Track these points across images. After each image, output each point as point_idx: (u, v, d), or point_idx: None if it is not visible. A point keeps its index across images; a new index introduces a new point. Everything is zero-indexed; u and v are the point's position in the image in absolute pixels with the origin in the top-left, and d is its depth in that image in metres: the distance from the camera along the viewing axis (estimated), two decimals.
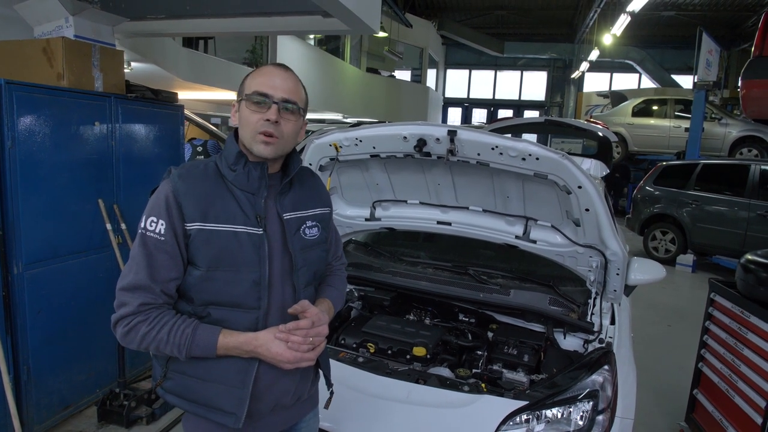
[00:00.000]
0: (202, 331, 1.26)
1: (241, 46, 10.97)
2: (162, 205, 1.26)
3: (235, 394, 1.30)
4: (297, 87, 1.36)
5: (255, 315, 1.31)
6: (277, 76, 1.32)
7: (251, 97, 1.30)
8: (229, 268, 1.28)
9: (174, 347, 1.24)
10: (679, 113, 11.54)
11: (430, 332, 2.39)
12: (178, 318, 1.27)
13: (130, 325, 1.24)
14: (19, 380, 2.76)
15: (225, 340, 1.26)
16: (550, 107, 22.42)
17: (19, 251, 2.71)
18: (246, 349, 1.27)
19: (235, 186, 1.33)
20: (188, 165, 1.35)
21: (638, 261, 2.70)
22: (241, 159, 1.33)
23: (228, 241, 1.28)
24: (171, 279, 1.27)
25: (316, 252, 1.46)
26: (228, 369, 1.30)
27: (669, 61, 19.62)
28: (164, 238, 1.25)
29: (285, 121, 1.31)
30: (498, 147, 2.02)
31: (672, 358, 4.47)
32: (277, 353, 1.26)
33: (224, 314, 1.30)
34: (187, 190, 1.27)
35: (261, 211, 1.33)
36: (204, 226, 1.26)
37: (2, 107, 2.57)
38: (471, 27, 20.66)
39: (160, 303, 1.27)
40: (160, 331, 1.24)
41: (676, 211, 8.10)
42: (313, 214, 1.47)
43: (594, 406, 1.81)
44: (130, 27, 3.73)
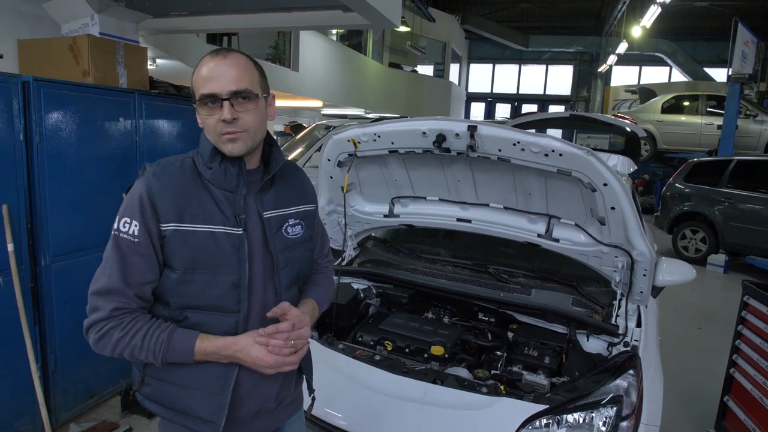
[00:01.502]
0: (179, 337, 1.20)
1: (263, 42, 11.04)
2: (136, 206, 1.20)
3: (214, 401, 1.25)
4: (244, 71, 1.23)
5: (235, 318, 1.25)
6: (217, 69, 1.20)
7: (201, 101, 1.21)
8: (207, 270, 1.22)
9: (149, 353, 1.19)
10: (711, 109, 11.17)
11: (449, 331, 2.35)
12: (153, 323, 1.21)
13: (103, 330, 1.18)
14: (46, 369, 2.83)
15: (202, 345, 1.20)
16: (576, 102, 21.98)
17: (47, 244, 2.77)
18: (225, 353, 1.21)
19: (213, 184, 1.26)
20: (164, 162, 1.28)
21: (666, 261, 2.61)
22: (216, 156, 1.26)
23: (205, 242, 1.22)
24: (146, 282, 1.22)
25: (299, 251, 1.40)
26: (206, 375, 1.24)
27: (701, 54, 19.03)
28: (138, 239, 1.19)
29: (243, 113, 1.22)
30: (520, 142, 1.96)
31: (701, 362, 4.33)
32: (257, 357, 1.20)
33: (202, 318, 1.24)
34: (161, 189, 1.21)
35: (240, 210, 1.27)
36: (179, 227, 1.20)
37: (30, 104, 2.62)
38: (495, 21, 20.40)
39: (134, 307, 1.21)
40: (134, 337, 1.18)
41: (708, 209, 7.85)
42: (296, 211, 1.40)
43: (617, 412, 1.75)
44: (153, 24, 3.78)
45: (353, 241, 2.98)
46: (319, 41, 12.24)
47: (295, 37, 11.04)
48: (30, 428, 2.71)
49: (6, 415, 2.60)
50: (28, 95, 2.60)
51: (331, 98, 12.98)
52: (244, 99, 1.21)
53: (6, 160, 2.52)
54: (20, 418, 2.66)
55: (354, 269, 2.83)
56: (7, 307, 2.55)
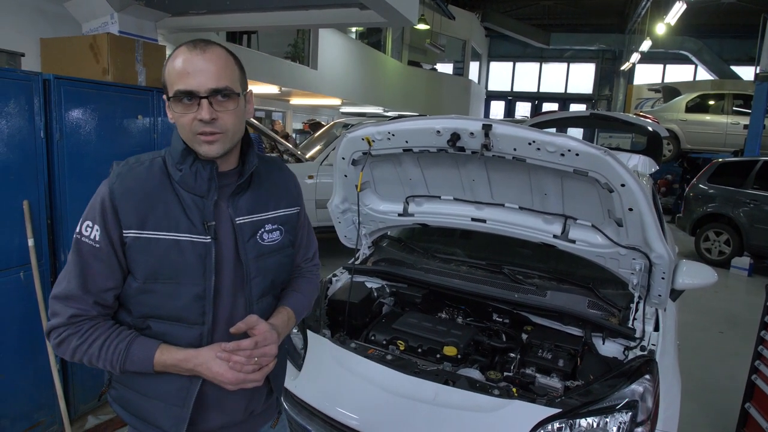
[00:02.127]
0: (138, 347, 1.14)
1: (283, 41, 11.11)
2: (98, 209, 1.13)
3: (174, 413, 1.20)
4: (224, 67, 1.13)
5: (199, 331, 1.18)
6: (195, 64, 1.10)
7: (176, 97, 1.11)
8: (169, 281, 1.15)
9: (107, 363, 1.14)
10: (737, 108, 10.88)
11: (462, 332, 2.33)
12: (112, 331, 1.16)
13: (61, 336, 1.14)
14: (65, 362, 2.88)
15: (162, 357, 1.14)
16: (598, 101, 21.66)
17: (67, 239, 2.81)
18: (185, 367, 1.15)
19: (182, 187, 1.17)
20: (132, 161, 1.20)
21: (687, 264, 2.55)
22: (188, 157, 1.17)
23: (168, 250, 1.14)
24: (107, 289, 1.16)
25: (275, 258, 1.30)
26: (169, 386, 1.19)
27: (728, 52, 18.56)
28: (99, 245, 1.13)
29: (223, 113, 1.12)
30: (535, 142, 1.93)
31: (722, 368, 4.23)
32: (218, 373, 1.13)
33: (165, 328, 1.18)
34: (124, 192, 1.13)
35: (210, 217, 1.18)
36: (140, 234, 1.13)
37: (51, 101, 2.66)
38: (516, 18, 20.21)
39: (93, 315, 1.15)
40: (91, 346, 1.13)
41: (732, 211, 7.66)
42: (274, 216, 1.31)
43: (632, 418, 1.71)
44: (172, 22, 3.82)
45: (368, 239, 2.97)
46: (338, 39, 12.28)
47: (314, 35, 11.09)
48: (48, 420, 2.76)
49: (25, 406, 2.66)
50: (49, 93, 2.65)
51: (349, 96, 13.01)
52: (224, 98, 1.12)
53: (27, 157, 2.57)
54: (39, 410, 2.72)
55: (367, 268, 2.83)
56: (27, 301, 2.60)
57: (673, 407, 1.91)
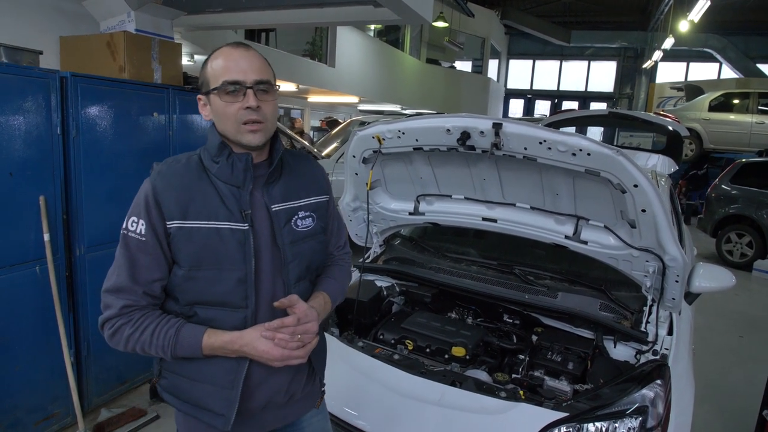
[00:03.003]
0: (186, 332, 1.22)
1: (301, 39, 11.15)
2: (142, 205, 1.22)
3: (225, 395, 1.27)
4: (264, 64, 1.27)
5: (243, 314, 1.26)
6: (242, 59, 1.23)
7: (223, 87, 1.21)
8: (212, 267, 1.23)
9: (158, 349, 1.22)
10: (763, 107, 10.60)
11: (471, 332, 2.31)
12: (162, 319, 1.24)
13: (115, 327, 1.22)
14: (79, 356, 2.94)
15: (209, 341, 1.22)
16: (619, 99, 21.29)
17: (82, 235, 2.86)
18: (231, 348, 1.23)
19: (219, 179, 1.27)
20: (170, 160, 1.29)
21: (704, 267, 2.50)
22: (224, 150, 1.27)
23: (209, 238, 1.22)
24: (154, 280, 1.24)
25: (309, 244, 1.38)
26: (217, 369, 1.26)
27: (754, 49, 18.06)
28: (145, 238, 1.21)
29: (264, 103, 1.24)
30: (546, 141, 1.90)
31: (742, 373, 4.13)
32: (264, 351, 1.22)
33: (211, 314, 1.25)
34: (165, 187, 1.23)
35: (246, 206, 1.27)
36: (183, 224, 1.22)
37: (68, 98, 2.71)
38: (536, 15, 19.94)
39: (143, 305, 1.24)
40: (143, 333, 1.21)
41: (755, 213, 7.46)
42: (306, 203, 1.39)
43: (642, 423, 1.68)
44: (188, 20, 3.86)
45: (379, 238, 2.97)
46: (356, 37, 12.27)
47: (332, 32, 11.10)
48: (62, 411, 2.82)
49: (40, 398, 2.71)
50: (66, 90, 2.69)
51: (367, 94, 13.00)
52: (265, 90, 1.24)
53: (43, 153, 2.62)
54: (53, 402, 2.77)
55: (377, 266, 2.82)
56: (42, 295, 2.65)
57: (686, 414, 1.86)
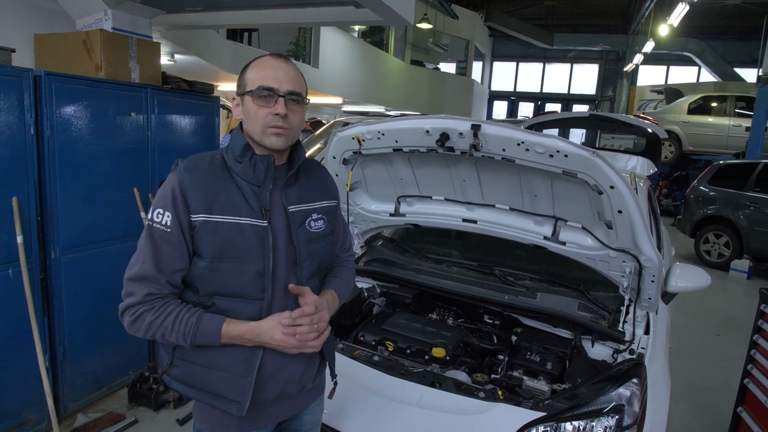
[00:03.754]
0: (207, 321, 1.28)
1: (284, 39, 11.09)
2: (168, 197, 1.28)
3: (239, 383, 1.33)
4: (299, 77, 1.37)
5: (259, 305, 1.33)
6: (280, 69, 1.33)
7: (257, 92, 1.30)
8: (233, 260, 1.30)
9: (179, 335, 1.27)
10: (740, 111, 10.83)
11: (451, 333, 2.31)
12: (183, 307, 1.30)
13: (137, 314, 1.27)
14: (55, 360, 2.88)
15: (229, 329, 1.28)
16: (601, 102, 21.56)
17: (57, 237, 2.81)
18: (249, 337, 1.29)
19: (241, 178, 1.34)
20: (195, 157, 1.36)
21: (680, 267, 2.53)
22: (247, 151, 1.35)
23: (232, 232, 1.29)
24: (177, 270, 1.30)
25: (321, 244, 1.47)
26: (233, 357, 1.32)
27: (732, 54, 18.44)
28: (170, 229, 1.27)
29: (292, 113, 1.33)
30: (524, 143, 1.91)
31: (717, 371, 4.20)
32: (281, 339, 1.29)
33: (229, 304, 1.32)
34: (192, 182, 1.29)
35: (266, 204, 1.34)
36: (208, 218, 1.28)
37: (42, 98, 2.66)
38: (519, 18, 20.10)
39: (165, 293, 1.30)
40: (165, 320, 1.27)
41: (732, 214, 7.61)
42: (319, 206, 1.48)
43: (618, 422, 1.69)
44: (167, 19, 3.81)
45: (360, 239, 2.95)
46: (339, 38, 12.25)
47: (315, 33, 11.07)
48: (37, 417, 2.76)
49: (14, 404, 2.65)
50: (40, 89, 2.64)
51: (351, 95, 12.98)
52: (295, 101, 1.33)
53: (17, 153, 2.56)
54: (27, 408, 2.71)
55: (358, 267, 2.80)
56: (16, 298, 2.59)
57: (662, 412, 1.88)
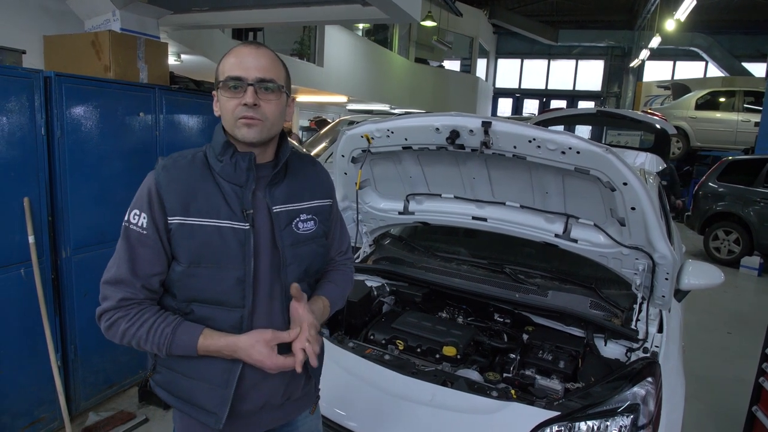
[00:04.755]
0: (182, 332, 1.22)
1: (289, 38, 11.09)
2: (144, 198, 1.22)
3: (218, 394, 1.27)
4: (273, 63, 1.25)
5: (239, 314, 1.25)
6: (248, 56, 1.23)
7: (225, 82, 1.22)
8: (212, 265, 1.22)
9: (153, 346, 1.21)
10: (748, 106, 10.72)
11: (462, 332, 2.30)
12: (159, 315, 1.23)
13: (111, 320, 1.21)
14: (66, 359, 2.89)
15: (205, 343, 1.22)
16: (607, 98, 21.44)
17: (68, 236, 2.82)
18: (226, 353, 1.23)
19: (222, 178, 1.26)
20: (176, 155, 1.29)
21: (693, 264, 2.51)
22: (228, 149, 1.26)
23: (210, 236, 1.22)
24: (153, 274, 1.23)
25: (310, 247, 1.37)
26: (212, 368, 1.26)
27: (739, 48, 18.27)
28: (146, 232, 1.21)
29: (265, 102, 1.22)
30: (536, 139, 1.90)
31: (730, 369, 4.17)
32: (258, 360, 1.21)
33: (208, 312, 1.25)
34: (169, 182, 1.22)
35: (248, 205, 1.26)
36: (185, 221, 1.21)
37: (52, 98, 2.66)
38: (524, 15, 20.02)
39: (141, 298, 1.23)
40: (139, 329, 1.21)
41: (742, 210, 7.55)
42: (308, 206, 1.38)
43: (633, 421, 1.68)
44: (175, 19, 3.82)
45: (368, 237, 2.95)
46: (344, 36, 12.24)
47: (320, 32, 11.06)
48: (49, 416, 2.77)
49: (26, 402, 2.66)
50: (50, 90, 2.64)
51: (356, 93, 12.97)
52: (267, 89, 1.23)
53: (28, 154, 2.57)
54: (40, 406, 2.73)
55: (367, 266, 2.80)
56: (28, 297, 2.60)
57: (677, 411, 1.87)
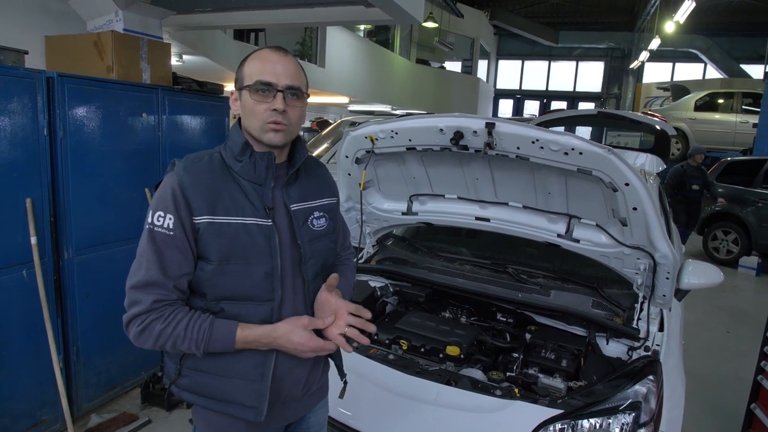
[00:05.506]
0: (220, 326, 1.23)
1: (291, 39, 11.11)
2: (169, 199, 1.23)
3: (255, 388, 1.29)
4: (299, 71, 1.31)
5: (269, 307, 1.29)
6: (278, 63, 1.27)
7: (255, 86, 1.25)
8: (241, 261, 1.25)
9: (192, 343, 1.21)
10: (747, 107, 10.76)
11: (465, 331, 2.31)
12: (193, 314, 1.24)
13: (145, 323, 1.20)
14: (68, 360, 2.90)
15: (243, 334, 1.24)
16: (607, 99, 21.47)
17: (70, 237, 2.82)
18: (265, 341, 1.25)
19: (242, 177, 1.30)
20: (192, 157, 1.31)
21: (693, 264, 2.52)
22: (246, 149, 1.30)
23: (238, 233, 1.25)
24: (183, 274, 1.24)
25: (324, 243, 1.43)
26: (246, 363, 1.28)
27: (738, 50, 18.30)
28: (173, 232, 1.22)
29: (291, 108, 1.28)
30: (539, 140, 1.91)
31: (729, 368, 4.18)
32: (299, 343, 1.26)
33: (238, 308, 1.27)
34: (193, 182, 1.24)
35: (269, 202, 1.30)
36: (213, 219, 1.24)
37: (55, 99, 2.67)
38: (524, 16, 20.06)
39: (173, 299, 1.24)
40: (176, 328, 1.21)
41: (741, 210, 7.58)
42: (320, 204, 1.44)
43: (635, 419, 1.69)
44: (177, 20, 3.82)
45: (372, 238, 2.96)
46: (345, 37, 12.25)
47: (321, 33, 11.08)
48: (51, 418, 2.77)
49: (28, 404, 2.67)
50: (53, 91, 2.65)
51: (357, 94, 12.98)
52: (294, 95, 1.28)
53: (30, 155, 2.57)
54: (42, 408, 2.73)
55: (371, 267, 2.81)
56: (30, 299, 2.61)
57: (678, 409, 1.88)
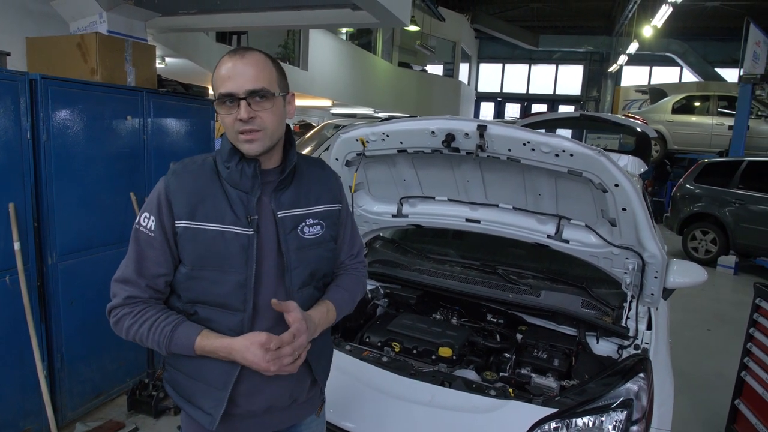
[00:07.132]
0: (182, 331, 1.25)
1: (273, 42, 11.06)
2: (154, 202, 1.27)
3: (215, 395, 1.30)
4: (261, 70, 1.24)
5: (240, 317, 1.28)
6: (235, 69, 1.22)
7: (220, 100, 1.24)
8: (215, 268, 1.26)
9: (154, 343, 1.26)
10: (722, 110, 11.03)
11: (457, 332, 2.33)
12: (161, 314, 1.27)
13: (118, 316, 1.27)
14: (53, 368, 2.83)
15: (202, 343, 1.24)
16: (586, 102, 21.82)
17: (54, 242, 2.77)
18: (222, 354, 1.24)
19: (229, 183, 1.29)
20: (187, 161, 1.33)
21: (677, 263, 2.57)
22: (234, 156, 1.28)
23: (214, 240, 1.25)
24: (159, 275, 1.28)
25: (316, 251, 1.38)
26: (213, 369, 1.29)
27: (713, 54, 18.80)
28: (154, 234, 1.26)
29: (261, 112, 1.23)
30: (530, 142, 1.93)
31: (711, 365, 4.27)
32: (252, 362, 1.22)
33: (210, 314, 1.28)
34: (178, 187, 1.26)
35: (252, 211, 1.28)
36: (190, 225, 1.25)
37: (38, 102, 2.62)
38: (505, 20, 20.29)
39: (146, 297, 1.28)
40: (141, 326, 1.25)
41: (718, 210, 7.76)
42: (315, 211, 1.39)
43: (628, 416, 1.72)
44: (162, 22, 3.78)
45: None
46: (328, 40, 12.24)
47: (304, 36, 11.05)
48: (35, 427, 2.71)
49: (12, 413, 2.60)
50: (35, 93, 2.60)
51: (340, 97, 12.97)
52: (261, 98, 1.23)
53: (13, 158, 2.52)
54: (26, 417, 2.67)
55: None
56: (13, 305, 2.55)
57: (667, 404, 1.92)
